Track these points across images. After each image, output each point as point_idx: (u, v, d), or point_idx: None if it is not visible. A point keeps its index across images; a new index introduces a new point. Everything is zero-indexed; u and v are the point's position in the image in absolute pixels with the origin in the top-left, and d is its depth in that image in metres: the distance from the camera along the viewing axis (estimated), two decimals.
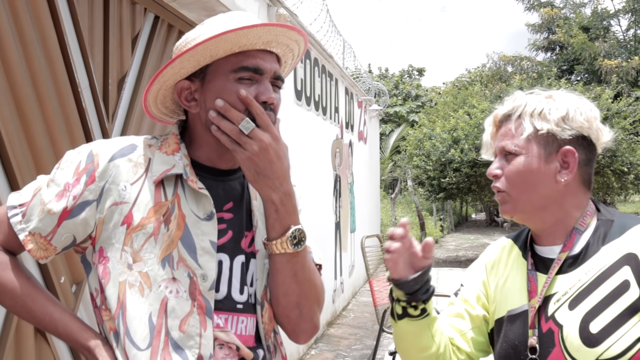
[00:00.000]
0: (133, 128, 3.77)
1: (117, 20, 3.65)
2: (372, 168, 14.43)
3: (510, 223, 24.54)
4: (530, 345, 1.70)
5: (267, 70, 1.58)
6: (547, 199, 1.73)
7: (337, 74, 9.84)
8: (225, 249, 1.62)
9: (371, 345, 7.42)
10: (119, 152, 1.59)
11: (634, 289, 1.59)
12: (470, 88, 24.25)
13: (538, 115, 1.72)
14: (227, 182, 1.68)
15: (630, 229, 1.69)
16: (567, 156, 1.71)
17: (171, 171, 1.58)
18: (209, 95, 1.58)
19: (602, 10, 22.88)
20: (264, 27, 1.55)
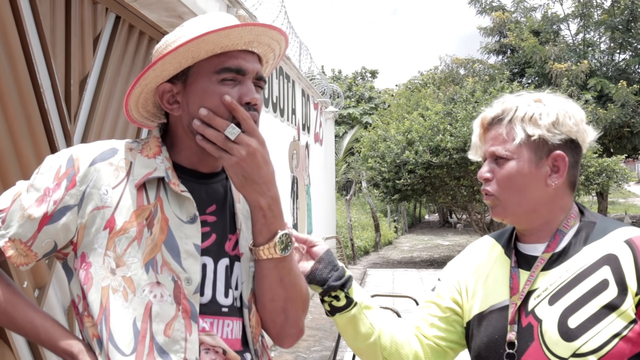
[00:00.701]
0: (95, 129, 3.71)
1: (79, 20, 3.59)
2: (327, 170, 14.47)
3: (462, 224, 24.85)
4: (509, 340, 1.73)
5: (249, 70, 1.58)
6: (536, 202, 1.77)
7: (294, 76, 9.85)
8: (209, 252, 1.60)
9: (330, 347, 7.44)
10: (99, 156, 1.57)
11: (612, 288, 1.64)
12: (424, 90, 24.51)
13: (529, 121, 1.74)
14: (209, 185, 1.66)
15: (612, 231, 1.74)
16: (558, 160, 1.74)
17: (153, 174, 1.56)
18: (191, 98, 1.56)
19: (552, 15, 23.28)
20: (245, 27, 1.54)
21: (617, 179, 16.25)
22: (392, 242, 22.53)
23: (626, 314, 1.62)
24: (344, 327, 1.84)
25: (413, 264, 16.63)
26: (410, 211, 30.44)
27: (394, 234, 23.83)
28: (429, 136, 14.83)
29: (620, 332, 1.61)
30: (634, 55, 22.34)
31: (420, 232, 26.72)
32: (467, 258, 2.00)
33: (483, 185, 1.81)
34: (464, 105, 15.50)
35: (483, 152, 1.84)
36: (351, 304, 1.80)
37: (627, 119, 19.99)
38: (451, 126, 14.74)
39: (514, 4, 24.03)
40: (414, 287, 12.11)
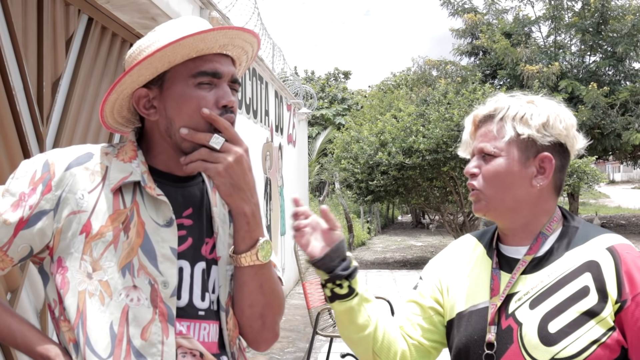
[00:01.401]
0: (67, 132, 3.69)
1: (51, 22, 3.57)
2: (300, 171, 14.47)
3: (435, 225, 24.98)
4: (488, 340, 1.75)
5: (225, 74, 1.60)
6: (519, 201, 1.78)
7: (267, 77, 9.84)
8: (185, 255, 1.61)
9: (304, 348, 7.45)
10: (75, 160, 1.58)
11: (593, 294, 1.66)
12: (396, 91, 24.61)
13: (520, 120, 1.76)
14: (186, 188, 1.67)
15: (594, 237, 1.76)
16: (545, 162, 1.76)
17: (129, 178, 1.57)
18: (169, 103, 1.58)
19: (524, 17, 23.48)
20: (220, 30, 1.57)
21: (587, 180, 16.42)
22: (365, 243, 22.56)
23: (605, 321, 1.64)
24: (341, 316, 1.84)
25: (386, 265, 16.67)
26: (383, 212, 30.53)
27: (367, 235, 23.87)
28: (402, 137, 14.88)
29: (598, 339, 1.63)
30: (604, 58, 22.61)
31: (393, 233, 26.80)
32: (449, 257, 2.01)
33: (469, 180, 1.83)
34: (437, 106, 15.57)
35: (472, 148, 1.85)
36: (352, 293, 1.80)
37: (597, 121, 20.23)
38: (424, 127, 14.79)
39: (485, 6, 24.20)
40: (387, 288, 12.15)
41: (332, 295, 1.80)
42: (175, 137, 1.58)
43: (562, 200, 26.18)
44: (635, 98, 20.51)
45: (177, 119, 1.57)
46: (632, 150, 22.01)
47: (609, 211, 33.51)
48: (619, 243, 1.73)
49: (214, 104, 1.57)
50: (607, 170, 71.46)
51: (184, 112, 1.56)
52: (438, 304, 1.94)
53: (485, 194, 1.79)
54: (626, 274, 1.66)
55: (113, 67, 4.35)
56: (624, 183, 67.76)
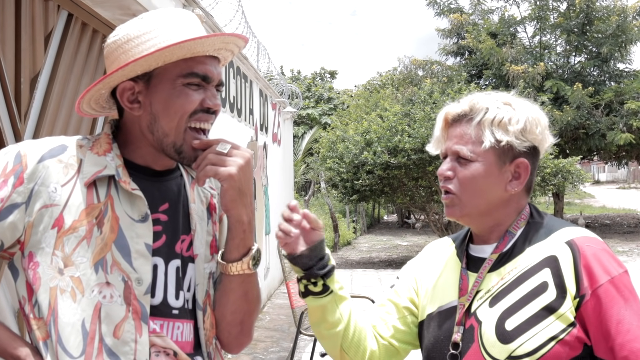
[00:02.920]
0: (46, 128, 3.64)
1: (30, 17, 3.52)
2: (286, 170, 14.44)
3: (421, 224, 25.02)
4: (454, 340, 1.75)
5: (214, 78, 1.61)
6: (493, 205, 1.77)
7: (252, 76, 9.80)
8: (159, 252, 1.59)
9: (288, 348, 7.42)
10: (48, 152, 1.55)
11: (552, 290, 1.65)
12: (382, 91, 24.61)
13: (498, 125, 1.73)
14: (162, 183, 1.66)
15: (556, 231, 1.74)
16: (520, 168, 1.76)
17: (103, 172, 1.55)
18: (155, 99, 1.57)
19: (509, 17, 23.60)
20: (220, 37, 1.59)
21: (572, 180, 16.50)
22: (351, 243, 22.56)
23: (564, 317, 1.62)
24: (313, 311, 1.84)
25: (372, 265, 16.68)
26: (369, 212, 30.53)
27: (352, 235, 23.86)
28: (387, 137, 14.88)
29: (556, 335, 1.61)
30: (589, 58, 22.78)
31: (379, 233, 26.81)
32: (425, 258, 2.01)
33: (442, 182, 1.80)
34: (422, 106, 15.60)
35: (445, 148, 1.82)
36: (326, 291, 1.79)
37: (582, 121, 20.36)
38: (409, 127, 14.80)
39: (471, 6, 24.33)
40: (373, 288, 12.14)
41: (305, 291, 1.79)
42: (157, 134, 1.57)
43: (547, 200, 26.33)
44: (619, 98, 20.68)
45: (162, 116, 1.57)
46: (616, 151, 22.16)
47: (594, 211, 33.69)
48: (580, 236, 1.70)
49: (200, 105, 1.57)
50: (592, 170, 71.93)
51: (171, 111, 1.56)
52: (413, 304, 1.94)
53: (461, 199, 1.77)
54: (585, 267, 1.63)
55: (93, 63, 4.30)
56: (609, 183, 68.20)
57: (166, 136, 1.56)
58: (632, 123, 19.85)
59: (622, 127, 20.23)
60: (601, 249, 1.67)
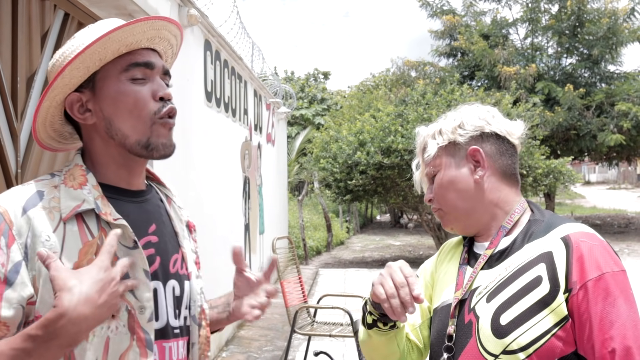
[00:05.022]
0: None
1: (26, 17, 3.55)
2: (280, 170, 14.47)
3: (414, 224, 25.07)
4: (448, 333, 1.79)
5: (157, 64, 1.58)
6: (473, 201, 1.83)
7: (246, 76, 9.83)
8: (156, 275, 1.57)
9: (282, 347, 7.45)
10: (27, 203, 1.46)
11: (545, 284, 1.65)
12: (375, 92, 24.62)
13: (438, 134, 1.86)
14: (144, 203, 1.63)
15: (555, 228, 1.74)
16: (475, 155, 1.82)
17: (82, 207, 1.48)
18: (104, 102, 1.54)
19: (502, 19, 23.68)
20: (147, 21, 1.54)
21: (563, 181, 16.55)
22: (344, 242, 22.59)
23: (558, 311, 1.61)
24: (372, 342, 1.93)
25: (365, 264, 16.71)
26: (362, 212, 30.57)
27: (345, 234, 23.88)
28: (380, 137, 14.91)
29: (550, 329, 1.61)
30: (580, 60, 22.87)
31: (372, 233, 26.84)
32: (440, 254, 2.07)
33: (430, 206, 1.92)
34: (415, 107, 15.64)
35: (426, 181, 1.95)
36: (393, 328, 1.88)
37: (573, 122, 20.45)
38: (402, 127, 14.84)
39: (464, 7, 24.39)
40: (366, 287, 12.17)
41: (372, 323, 1.87)
42: (117, 137, 1.54)
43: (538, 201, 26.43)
44: (610, 100, 20.78)
45: (116, 116, 1.53)
46: (607, 152, 22.25)
47: (585, 211, 33.81)
48: (575, 232, 1.70)
49: (151, 97, 1.55)
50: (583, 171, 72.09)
51: (122, 109, 1.52)
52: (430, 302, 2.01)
53: (444, 209, 1.87)
54: (577, 261, 1.62)
55: None
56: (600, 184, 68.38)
57: (127, 137, 1.54)
58: (623, 124, 19.94)
59: (612, 129, 20.33)
60: (598, 244, 1.67)
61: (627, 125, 19.86)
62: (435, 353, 1.85)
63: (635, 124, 20.05)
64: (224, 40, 7.84)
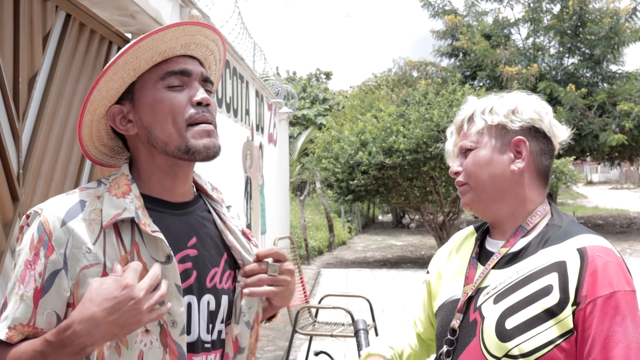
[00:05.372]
0: (44, 128, 3.68)
1: (28, 17, 3.56)
2: (281, 170, 14.48)
3: (415, 224, 25.05)
4: (452, 326, 1.79)
5: (194, 72, 1.57)
6: (502, 189, 1.80)
7: (248, 76, 9.84)
8: (191, 290, 1.58)
9: (284, 347, 7.45)
10: (67, 214, 1.49)
11: (555, 294, 1.63)
12: (377, 92, 24.66)
13: (489, 112, 1.81)
14: (187, 215, 1.63)
15: (572, 237, 1.71)
16: (519, 146, 1.78)
17: (122, 215, 1.49)
18: (143, 111, 1.55)
19: (503, 19, 23.67)
20: (178, 27, 1.53)
21: (565, 181, 16.55)
22: (346, 243, 22.57)
23: (564, 323, 1.61)
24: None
25: (366, 264, 16.70)
26: (364, 212, 30.56)
27: (347, 235, 23.87)
28: (382, 137, 14.91)
29: (554, 340, 1.60)
30: (582, 60, 22.85)
31: (374, 233, 26.82)
32: (447, 247, 2.05)
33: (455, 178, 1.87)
34: (417, 107, 15.63)
35: (456, 152, 1.90)
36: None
37: (575, 122, 20.41)
38: (404, 127, 14.84)
39: (466, 7, 24.38)
40: (367, 287, 12.19)
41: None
42: (158, 145, 1.55)
43: None
44: (612, 100, 20.76)
45: (154, 125, 1.54)
46: (609, 152, 22.22)
47: (587, 211, 33.76)
48: (593, 245, 1.67)
49: (188, 102, 1.54)
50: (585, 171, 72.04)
51: (159, 116, 1.53)
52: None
53: (471, 185, 1.82)
54: (591, 275, 1.61)
55: (91, 64, 4.34)
56: (602, 184, 68.31)
57: (166, 144, 1.54)
58: (625, 124, 19.92)
59: (614, 128, 20.31)
60: (614, 261, 1.65)
61: (629, 125, 19.84)
62: (438, 347, 1.86)
63: (637, 124, 20.03)
64: (226, 40, 7.85)
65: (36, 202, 3.52)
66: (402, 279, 13.34)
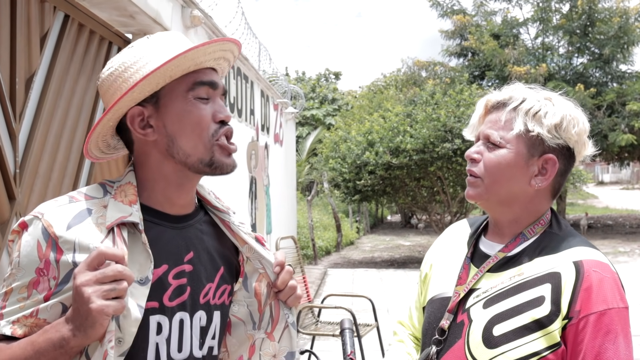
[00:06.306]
0: (42, 129, 3.70)
1: (25, 19, 3.57)
2: (288, 170, 14.48)
3: (423, 225, 25.03)
4: (441, 326, 1.77)
5: (219, 85, 1.59)
6: (513, 197, 1.75)
7: (253, 77, 9.85)
8: (184, 307, 1.56)
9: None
10: (73, 220, 1.47)
11: (546, 306, 1.62)
12: (386, 92, 24.65)
13: (533, 116, 1.70)
14: (186, 229, 1.62)
15: (569, 248, 1.70)
16: (548, 163, 1.72)
17: (127, 218, 1.48)
18: (168, 119, 1.53)
19: (512, 19, 23.62)
20: (219, 43, 1.54)
21: (574, 181, 16.53)
22: (354, 243, 22.58)
23: (551, 336, 1.60)
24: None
25: (374, 264, 16.71)
26: (372, 212, 30.56)
27: (355, 235, 23.88)
28: (389, 137, 14.93)
29: (539, 352, 1.60)
30: (591, 59, 22.77)
31: (382, 233, 26.81)
32: (440, 241, 2.03)
33: (469, 165, 1.79)
34: (424, 107, 15.64)
35: (478, 132, 1.81)
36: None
37: None
38: (411, 127, 14.86)
39: (474, 7, 24.33)
40: (373, 287, 12.19)
41: None
42: (179, 155, 1.54)
43: None
44: (621, 99, 20.68)
45: (179, 135, 1.53)
46: (618, 152, 22.12)
47: (597, 212, 33.63)
48: (589, 259, 1.66)
49: (212, 119, 1.54)
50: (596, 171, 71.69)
51: (187, 128, 1.53)
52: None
53: (484, 182, 1.75)
54: (585, 291, 1.60)
55: (90, 64, 4.36)
56: (613, 184, 67.94)
57: (189, 156, 1.53)
58: (634, 124, 19.85)
59: (623, 128, 20.23)
60: (609, 277, 1.64)
61: (639, 125, 19.76)
62: (424, 344, 1.86)
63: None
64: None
65: (33, 201, 3.54)
66: (409, 279, 13.32)
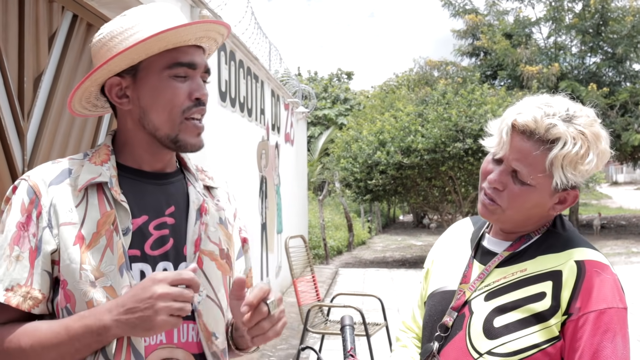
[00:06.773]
0: (50, 127, 3.73)
1: (33, 18, 3.61)
2: (299, 170, 14.50)
3: (435, 224, 24.98)
4: (444, 323, 1.79)
5: (200, 65, 1.62)
6: (531, 220, 1.77)
7: (263, 76, 9.87)
8: (168, 256, 1.61)
9: (296, 345, 7.48)
10: (55, 178, 1.57)
11: (547, 300, 1.65)
12: (397, 92, 24.61)
13: (570, 164, 1.65)
14: (168, 185, 1.68)
15: (571, 248, 1.72)
16: (570, 196, 1.73)
17: (96, 179, 1.56)
18: (143, 93, 1.59)
19: (524, 18, 23.54)
20: (199, 24, 1.59)
21: (587, 181, 16.43)
22: (366, 242, 22.57)
23: (550, 330, 1.64)
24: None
25: (385, 264, 16.69)
26: (384, 212, 30.53)
27: (367, 234, 23.87)
28: (400, 137, 14.91)
29: (539, 344, 1.63)
30: (604, 59, 22.65)
31: (394, 233, 26.78)
32: (443, 238, 2.06)
33: (489, 189, 1.74)
34: (435, 106, 15.60)
35: (504, 157, 1.72)
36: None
37: None
38: (422, 127, 14.82)
39: (486, 7, 24.27)
40: (384, 287, 12.19)
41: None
42: (148, 127, 1.60)
43: None
44: (634, 99, 20.56)
45: (151, 108, 1.59)
46: (631, 151, 22.00)
47: (610, 212, 33.43)
48: (591, 260, 1.69)
49: (187, 97, 1.59)
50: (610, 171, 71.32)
51: (159, 104, 1.58)
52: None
53: (504, 212, 1.73)
54: (586, 289, 1.63)
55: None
56: (627, 184, 67.58)
57: (157, 129, 1.59)
58: None
59: (637, 128, 20.13)
60: (610, 278, 1.66)
61: None
62: (425, 338, 1.87)
63: None
64: (239, 40, 7.89)
65: None
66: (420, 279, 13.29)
